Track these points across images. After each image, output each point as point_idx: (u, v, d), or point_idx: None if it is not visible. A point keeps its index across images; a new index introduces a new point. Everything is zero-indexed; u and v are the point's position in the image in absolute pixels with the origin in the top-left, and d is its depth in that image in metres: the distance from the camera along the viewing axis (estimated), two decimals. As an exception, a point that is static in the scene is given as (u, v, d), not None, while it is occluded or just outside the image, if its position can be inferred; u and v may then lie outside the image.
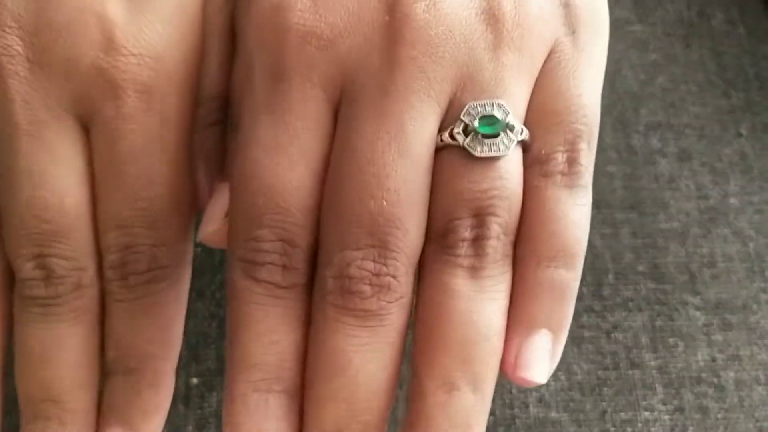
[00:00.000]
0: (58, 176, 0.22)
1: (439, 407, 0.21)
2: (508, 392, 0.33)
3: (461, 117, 0.21)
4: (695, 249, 0.36)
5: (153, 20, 0.22)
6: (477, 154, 0.21)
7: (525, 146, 0.22)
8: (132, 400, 0.24)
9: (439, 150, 0.21)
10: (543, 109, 0.22)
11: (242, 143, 0.21)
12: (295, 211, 0.21)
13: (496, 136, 0.21)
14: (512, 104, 0.21)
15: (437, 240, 0.21)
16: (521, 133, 0.21)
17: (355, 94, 0.21)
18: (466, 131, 0.21)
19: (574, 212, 0.22)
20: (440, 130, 0.21)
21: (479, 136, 0.21)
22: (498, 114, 0.21)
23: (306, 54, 0.21)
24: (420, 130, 0.21)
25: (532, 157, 0.22)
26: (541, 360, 0.21)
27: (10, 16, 0.21)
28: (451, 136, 0.21)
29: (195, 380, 0.32)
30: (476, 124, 0.21)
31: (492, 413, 0.32)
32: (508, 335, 0.21)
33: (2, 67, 0.21)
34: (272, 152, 0.21)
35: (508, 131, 0.21)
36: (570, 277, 0.22)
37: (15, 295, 0.23)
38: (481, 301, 0.21)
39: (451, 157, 0.21)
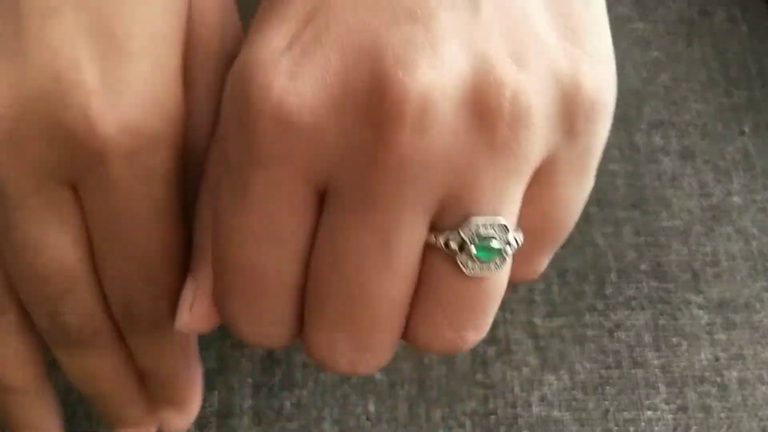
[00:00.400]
0: (54, 243, 0.22)
1: None
2: (511, 391, 0.33)
3: (461, 231, 0.20)
4: (698, 247, 0.36)
5: (131, 81, 0.21)
6: (468, 273, 0.20)
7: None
8: (171, 395, 0.27)
9: (429, 247, 0.20)
10: (528, 224, 0.21)
11: (221, 227, 0.21)
12: (277, 293, 0.21)
13: (490, 259, 0.20)
14: (509, 213, 0.20)
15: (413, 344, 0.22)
16: (515, 247, 0.20)
17: (339, 190, 0.19)
18: (461, 247, 0.20)
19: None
20: (432, 229, 0.20)
21: (474, 256, 0.20)
22: (498, 237, 0.20)
23: (285, 141, 0.19)
24: (408, 241, 0.20)
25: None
26: None
27: None
28: (445, 245, 0.20)
29: (196, 380, 0.32)
30: (473, 249, 0.19)
31: (494, 412, 0.32)
32: None
33: None
34: (253, 239, 0.20)
35: (503, 252, 0.20)
36: None
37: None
38: None
39: (440, 262, 0.20)
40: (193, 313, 0.23)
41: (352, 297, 0.20)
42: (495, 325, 0.34)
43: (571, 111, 0.20)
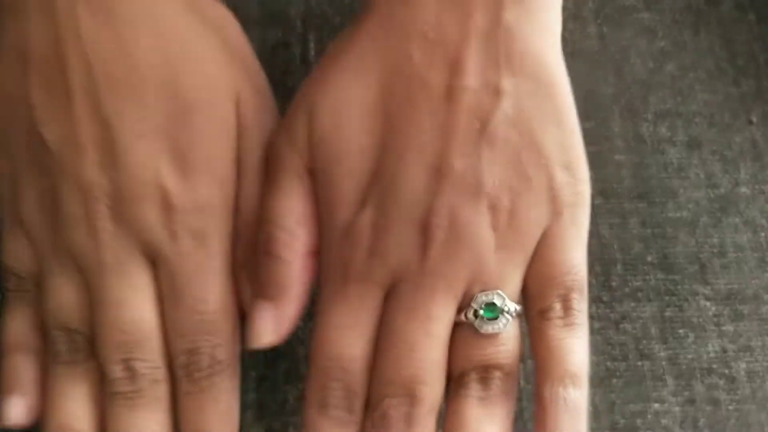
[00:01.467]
0: (136, 302, 0.29)
1: None
2: (517, 384, 0.32)
3: (471, 304, 0.28)
4: (705, 238, 0.36)
5: (203, 176, 0.29)
6: (483, 331, 0.28)
7: (525, 304, 0.29)
8: None
9: (456, 325, 0.29)
10: (539, 274, 0.29)
11: (319, 323, 0.29)
12: (355, 372, 0.29)
13: (496, 318, 0.28)
14: (510, 290, 0.29)
15: (455, 386, 0.29)
16: (516, 311, 0.29)
17: (399, 289, 0.29)
18: (475, 315, 0.28)
19: (573, 344, 0.29)
20: (458, 311, 0.29)
21: (484, 319, 0.28)
22: (498, 302, 0.28)
23: (371, 268, 0.29)
24: (441, 316, 0.28)
25: (534, 308, 0.29)
26: None
27: (96, 187, 0.29)
28: (465, 317, 0.28)
29: (199, 374, 0.32)
30: (482, 312, 0.28)
31: (500, 406, 0.32)
32: None
33: (95, 225, 0.29)
34: (342, 332, 0.29)
35: (506, 313, 0.28)
36: (578, 395, 0.28)
37: (105, 393, 0.30)
38: (487, 422, 0.29)
39: (465, 331, 0.29)
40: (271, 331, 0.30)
41: (403, 356, 0.28)
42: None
43: (554, 198, 0.29)
